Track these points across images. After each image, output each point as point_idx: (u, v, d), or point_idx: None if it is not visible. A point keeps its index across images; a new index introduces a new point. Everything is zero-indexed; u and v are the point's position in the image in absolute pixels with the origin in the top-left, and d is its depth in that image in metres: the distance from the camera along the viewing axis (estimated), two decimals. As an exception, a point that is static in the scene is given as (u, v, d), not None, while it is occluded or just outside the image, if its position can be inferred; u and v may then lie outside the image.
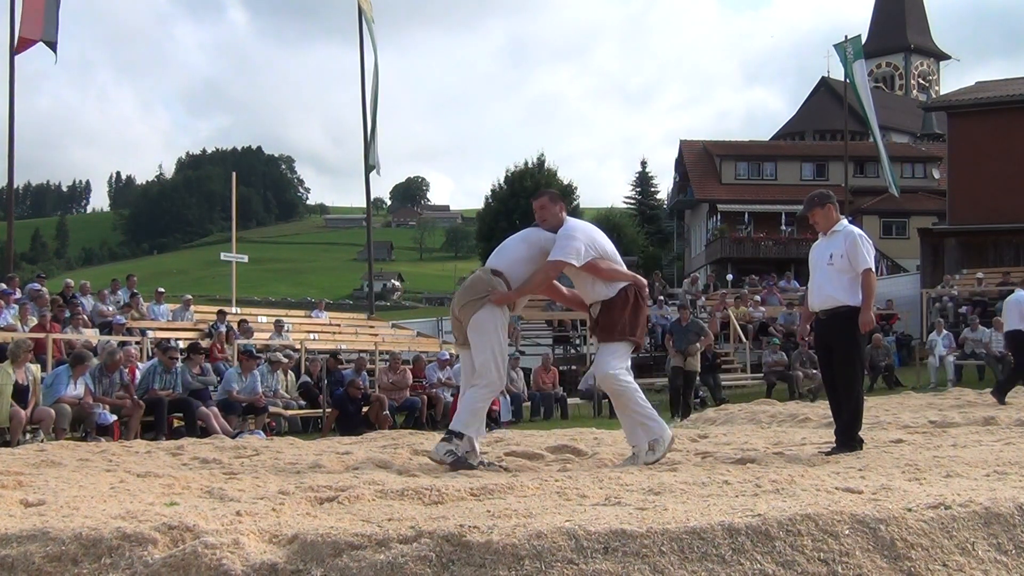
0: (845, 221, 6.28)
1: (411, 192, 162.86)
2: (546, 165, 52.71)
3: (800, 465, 5.10)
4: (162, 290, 18.31)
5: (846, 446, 5.91)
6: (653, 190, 63.54)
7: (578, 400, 16.65)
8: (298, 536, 2.88)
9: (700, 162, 48.21)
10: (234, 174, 24.86)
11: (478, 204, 69.84)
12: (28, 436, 9.52)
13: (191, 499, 4.05)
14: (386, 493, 3.96)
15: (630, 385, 5.49)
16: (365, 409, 13.18)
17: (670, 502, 3.42)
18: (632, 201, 64.13)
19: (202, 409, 11.14)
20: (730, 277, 32.50)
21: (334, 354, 15.23)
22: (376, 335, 20.10)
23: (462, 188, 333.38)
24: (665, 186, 64.54)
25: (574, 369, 20.01)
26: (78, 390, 10.16)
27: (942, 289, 22.00)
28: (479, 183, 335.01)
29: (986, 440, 6.54)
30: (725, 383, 17.80)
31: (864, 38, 34.03)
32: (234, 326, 16.12)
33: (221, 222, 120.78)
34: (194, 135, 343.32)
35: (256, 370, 12.50)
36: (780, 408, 11.64)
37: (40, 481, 4.68)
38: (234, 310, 19.61)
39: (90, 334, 13.78)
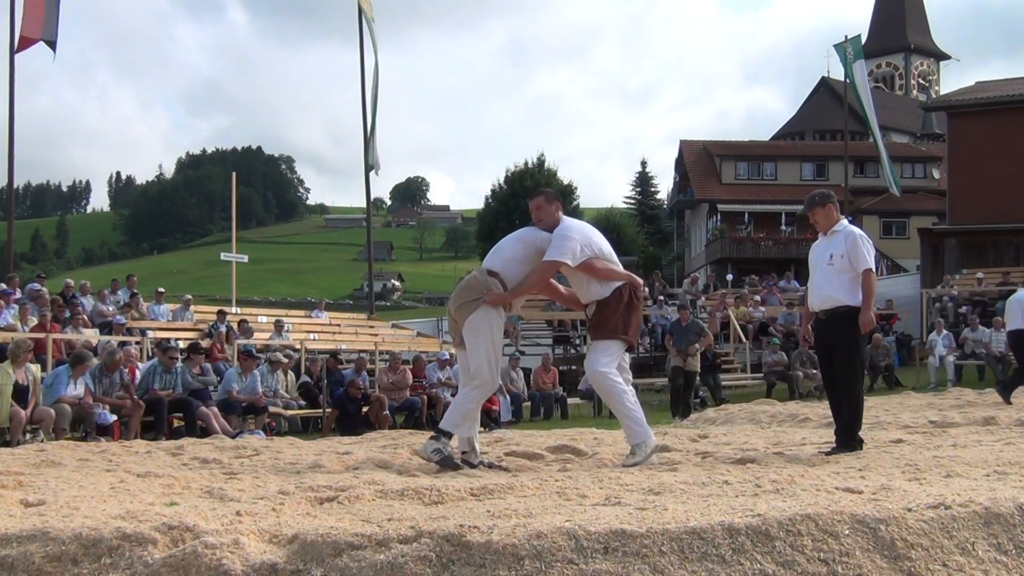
0: (845, 221, 6.28)
1: (411, 192, 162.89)
2: (546, 165, 52.77)
3: (800, 465, 5.09)
4: (162, 290, 18.31)
5: (846, 446, 5.91)
6: (653, 190, 63.67)
7: (578, 400, 16.66)
8: (298, 536, 2.88)
9: (700, 162, 48.21)
10: (234, 174, 24.87)
11: (478, 204, 69.90)
12: (28, 436, 9.51)
13: (191, 499, 4.05)
14: (386, 493, 3.96)
15: (619, 384, 5.45)
16: (365, 409, 13.18)
17: (670, 502, 3.42)
18: (632, 201, 64.17)
19: (202, 409, 11.14)
20: (730, 277, 32.49)
21: (334, 354, 15.23)
22: (376, 335, 20.11)
23: (462, 188, 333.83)
24: (665, 186, 64.71)
25: (574, 369, 19.98)
26: (78, 390, 10.16)
27: (942, 289, 21.99)
28: (479, 183, 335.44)
29: (986, 440, 6.54)
30: (725, 383, 17.80)
31: (864, 38, 34.05)
32: (234, 326, 16.12)
33: (221, 222, 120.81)
34: (194, 135, 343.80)
35: (256, 370, 12.50)
36: (780, 408, 11.65)
37: (40, 481, 4.68)
38: (234, 310, 19.61)
39: (90, 334, 13.78)
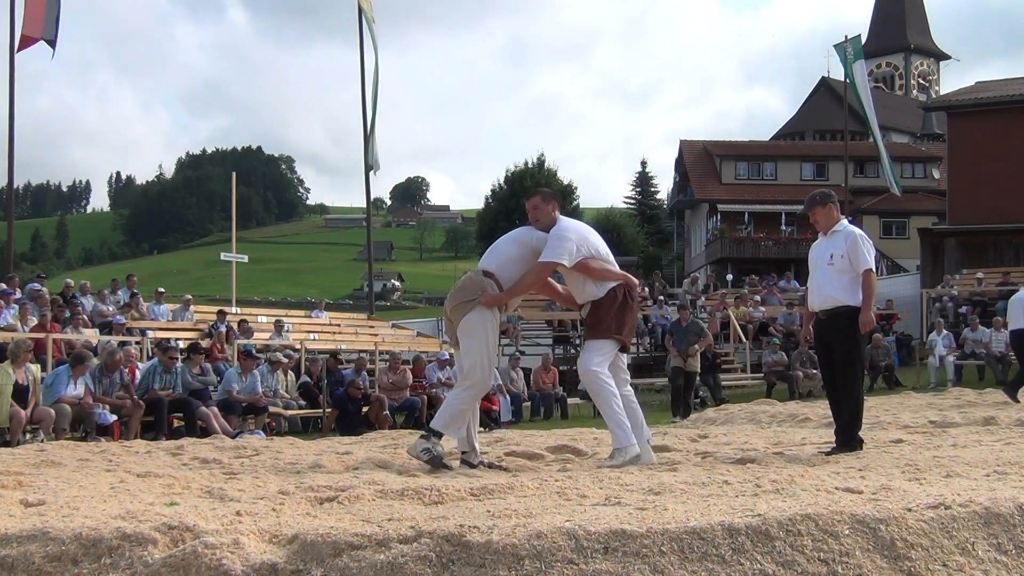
0: (845, 221, 6.28)
1: (411, 192, 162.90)
2: (546, 165, 52.80)
3: (800, 465, 5.10)
4: (162, 290, 18.32)
5: (846, 446, 5.91)
6: (653, 190, 63.68)
7: (578, 400, 16.64)
8: (298, 536, 2.88)
9: (700, 162, 48.21)
10: (234, 174, 24.88)
11: (478, 204, 69.96)
12: (28, 436, 9.51)
13: (191, 499, 4.05)
14: (386, 493, 3.96)
15: (608, 386, 5.42)
16: (365, 409, 13.17)
17: (670, 502, 3.42)
18: (632, 201, 64.18)
19: (202, 409, 11.14)
20: (730, 277, 32.49)
21: (334, 354, 15.23)
22: (376, 335, 20.10)
23: (462, 188, 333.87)
24: (665, 186, 64.70)
25: (574, 369, 19.93)
26: (78, 390, 10.16)
27: (942, 289, 21.99)
28: (479, 183, 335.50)
29: (986, 440, 6.54)
30: (725, 383, 17.79)
31: (864, 38, 34.04)
32: (234, 326, 16.12)
33: (221, 222, 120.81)
34: (194, 135, 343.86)
35: (256, 370, 12.50)
36: (780, 408, 11.66)
37: (40, 481, 4.68)
38: (234, 310, 19.61)
39: (90, 334, 13.78)
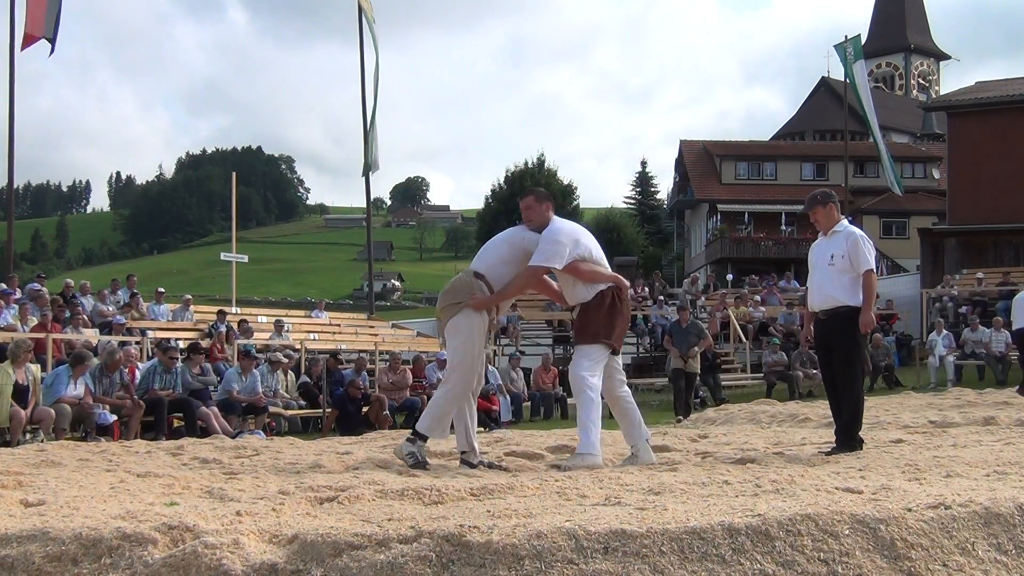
0: (846, 221, 6.29)
1: (411, 192, 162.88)
2: (546, 165, 52.80)
3: (800, 465, 5.10)
4: (162, 290, 18.32)
5: (846, 446, 5.91)
6: (653, 190, 63.68)
7: (578, 400, 16.63)
8: (298, 536, 2.88)
9: (700, 162, 48.22)
10: (234, 174, 24.88)
11: (478, 204, 69.97)
12: (28, 436, 9.51)
13: (191, 499, 4.04)
14: (386, 493, 3.96)
15: (592, 396, 5.34)
16: (365, 409, 13.17)
17: (670, 502, 3.42)
18: (632, 201, 64.17)
19: (202, 409, 11.14)
20: (730, 277, 32.49)
21: (334, 354, 15.23)
22: (376, 335, 20.10)
23: (462, 188, 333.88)
24: (665, 186, 64.70)
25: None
26: (78, 390, 10.16)
27: (942, 289, 21.98)
28: (479, 183, 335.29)
29: (986, 440, 6.54)
30: (725, 383, 17.79)
31: (864, 38, 34.06)
32: (234, 326, 16.12)
33: (221, 222, 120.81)
34: (194, 135, 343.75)
35: (256, 370, 12.50)
36: (780, 408, 11.65)
37: (40, 481, 4.67)
38: (234, 310, 19.61)
39: (90, 334, 13.78)
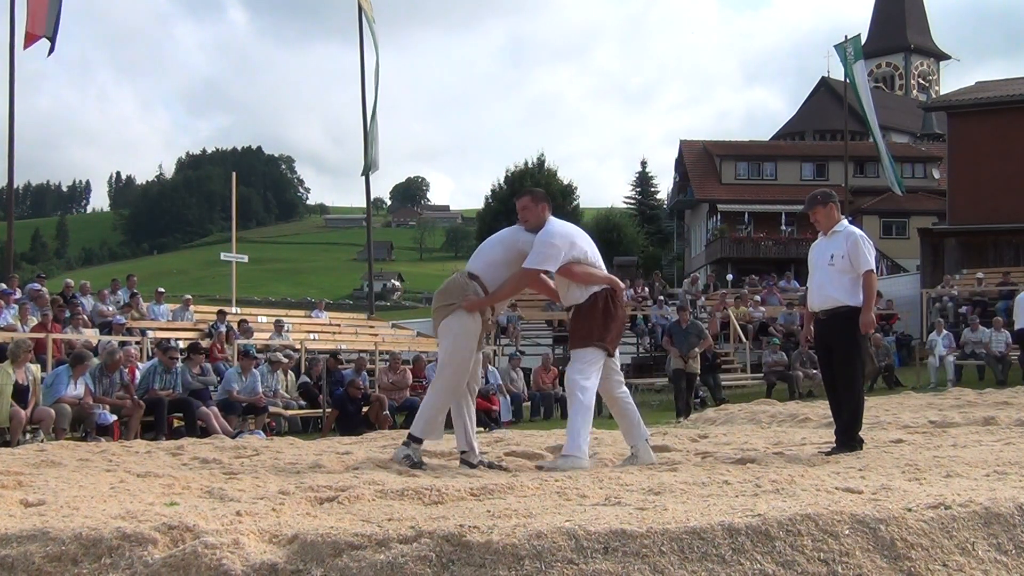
0: (846, 221, 6.29)
1: (411, 192, 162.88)
2: (546, 165, 52.84)
3: (800, 465, 5.10)
4: (162, 290, 18.32)
5: (846, 446, 5.91)
6: (653, 190, 63.67)
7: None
8: (298, 536, 2.88)
9: (700, 162, 48.21)
10: (234, 174, 24.88)
11: (478, 204, 69.96)
12: (28, 436, 9.51)
13: (191, 499, 4.04)
14: (386, 493, 3.96)
15: (583, 401, 5.31)
16: (365, 409, 13.17)
17: (670, 502, 3.42)
18: (632, 201, 64.16)
19: (202, 409, 11.14)
20: (730, 277, 32.48)
21: (334, 354, 15.22)
22: (376, 335, 20.09)
23: (462, 188, 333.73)
24: (665, 186, 64.68)
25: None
26: (78, 390, 10.16)
27: (942, 289, 21.97)
28: (479, 183, 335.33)
29: (986, 440, 6.54)
30: (725, 383, 17.79)
31: (864, 38, 34.08)
32: (234, 326, 16.12)
33: (221, 222, 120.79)
34: (194, 135, 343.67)
35: (256, 370, 12.50)
36: (780, 408, 11.65)
37: (40, 481, 4.67)
38: (234, 310, 19.61)
39: (90, 334, 13.78)
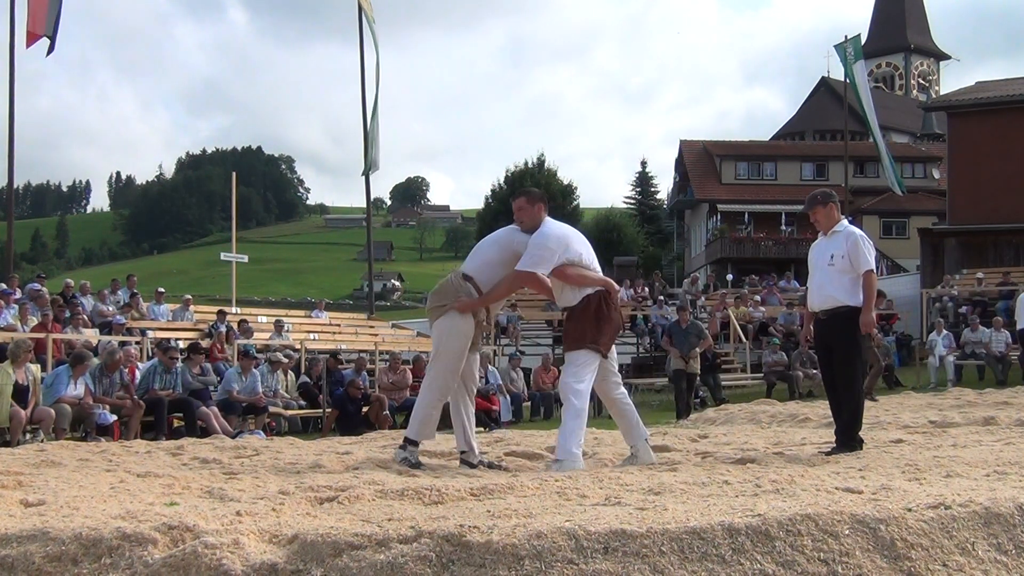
0: (846, 221, 6.29)
1: (411, 192, 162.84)
2: (546, 165, 52.88)
3: (800, 465, 5.10)
4: (162, 290, 18.32)
5: (846, 446, 5.91)
6: (653, 190, 63.70)
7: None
8: (298, 536, 2.88)
9: (700, 162, 48.22)
10: (234, 174, 24.88)
11: (478, 204, 70.00)
12: (28, 436, 9.51)
13: (191, 499, 4.04)
14: (386, 493, 3.96)
15: (578, 405, 5.27)
16: (365, 409, 13.17)
17: (670, 502, 3.42)
18: (632, 201, 64.19)
19: (202, 409, 11.14)
20: (730, 277, 32.49)
21: (334, 354, 15.23)
22: (376, 335, 20.10)
23: (462, 188, 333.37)
24: (665, 186, 64.69)
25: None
26: (78, 390, 10.16)
27: (942, 289, 21.98)
28: (479, 183, 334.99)
29: (986, 440, 6.54)
30: (725, 383, 17.79)
31: (864, 38, 34.07)
32: (234, 326, 16.12)
33: (221, 222, 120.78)
34: (194, 135, 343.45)
35: (256, 370, 12.50)
36: (780, 408, 11.65)
37: (40, 481, 4.67)
38: (234, 310, 19.61)
39: (90, 334, 13.78)
